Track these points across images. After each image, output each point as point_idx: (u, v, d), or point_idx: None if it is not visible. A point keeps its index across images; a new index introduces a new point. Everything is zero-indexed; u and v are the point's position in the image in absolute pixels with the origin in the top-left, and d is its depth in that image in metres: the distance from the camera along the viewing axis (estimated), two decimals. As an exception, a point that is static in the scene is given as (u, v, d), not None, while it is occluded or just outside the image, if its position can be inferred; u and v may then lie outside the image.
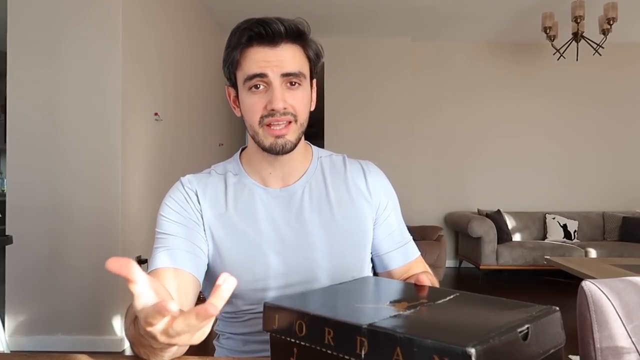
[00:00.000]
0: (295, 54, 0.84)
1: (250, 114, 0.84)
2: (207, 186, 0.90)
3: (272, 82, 0.81)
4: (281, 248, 0.86)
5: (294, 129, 0.84)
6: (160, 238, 0.85)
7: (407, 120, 5.19)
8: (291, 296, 0.65)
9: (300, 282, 0.86)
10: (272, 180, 0.91)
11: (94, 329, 2.67)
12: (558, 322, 0.54)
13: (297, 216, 0.89)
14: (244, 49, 0.83)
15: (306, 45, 0.86)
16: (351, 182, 0.94)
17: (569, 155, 5.38)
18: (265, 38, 0.81)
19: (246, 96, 0.84)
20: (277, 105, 0.81)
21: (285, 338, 0.57)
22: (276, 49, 0.82)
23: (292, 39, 0.83)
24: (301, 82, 0.84)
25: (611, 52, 5.01)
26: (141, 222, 2.98)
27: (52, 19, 2.65)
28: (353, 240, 0.90)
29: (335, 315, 0.52)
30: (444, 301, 0.59)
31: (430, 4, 4.27)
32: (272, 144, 0.83)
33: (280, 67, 0.81)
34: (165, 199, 0.90)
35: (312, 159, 0.96)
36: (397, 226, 0.98)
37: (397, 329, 0.47)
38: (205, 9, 4.25)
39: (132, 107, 2.82)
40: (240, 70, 0.84)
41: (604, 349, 0.83)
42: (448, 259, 5.23)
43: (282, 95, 0.81)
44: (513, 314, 0.52)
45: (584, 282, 0.88)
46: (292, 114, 0.83)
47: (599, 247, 4.53)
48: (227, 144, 5.24)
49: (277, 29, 0.81)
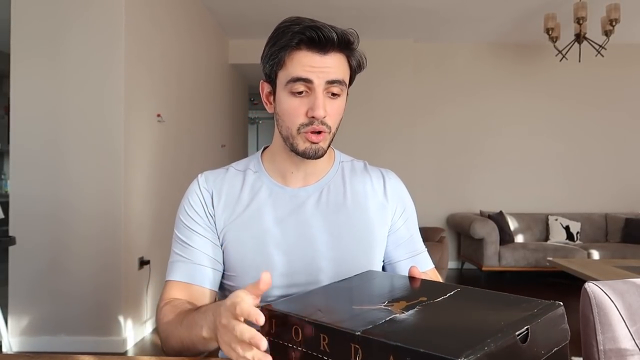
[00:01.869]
0: (340, 63, 0.85)
1: (290, 118, 0.85)
2: (223, 184, 0.92)
3: (315, 88, 0.82)
4: (287, 248, 0.87)
5: (327, 138, 0.86)
6: (180, 244, 0.90)
7: (409, 122, 5.19)
8: (290, 298, 0.65)
9: (305, 284, 0.87)
10: (293, 179, 0.92)
11: (97, 330, 2.67)
12: (561, 318, 0.53)
13: (309, 217, 0.89)
14: (293, 50, 0.83)
15: (351, 55, 0.87)
16: (370, 187, 0.95)
17: (571, 157, 5.36)
18: (316, 44, 0.82)
19: (286, 98, 0.85)
20: (319, 113, 0.82)
21: (283, 343, 0.56)
22: (325, 56, 0.82)
23: (340, 48, 0.84)
24: (341, 92, 0.86)
25: (613, 54, 5.00)
26: (144, 223, 2.98)
27: (55, 21, 2.66)
28: (363, 245, 0.90)
29: (330, 321, 0.52)
30: (444, 298, 0.58)
31: (432, 6, 4.27)
32: (307, 149, 0.85)
33: (326, 74, 0.82)
34: (183, 201, 0.93)
35: (334, 162, 0.97)
36: (411, 235, 0.98)
37: (391, 335, 0.46)
38: (207, 11, 4.26)
39: (134, 109, 2.83)
40: (284, 71, 0.84)
41: (607, 351, 0.83)
42: (450, 261, 5.22)
43: (324, 103, 0.83)
44: (513, 313, 0.51)
45: (587, 284, 0.88)
46: (327, 125, 0.85)
47: (602, 249, 4.52)
48: (230, 145, 5.25)
49: (329, 36, 0.81)
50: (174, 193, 3.43)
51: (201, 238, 0.89)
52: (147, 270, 3.01)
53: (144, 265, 2.97)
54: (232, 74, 5.34)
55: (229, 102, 5.23)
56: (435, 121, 5.40)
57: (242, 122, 6.20)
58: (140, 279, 2.94)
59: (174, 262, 0.89)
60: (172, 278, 0.88)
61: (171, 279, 0.88)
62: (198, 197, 0.91)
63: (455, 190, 5.40)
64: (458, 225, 5.04)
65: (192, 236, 0.89)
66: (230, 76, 5.29)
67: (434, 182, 5.38)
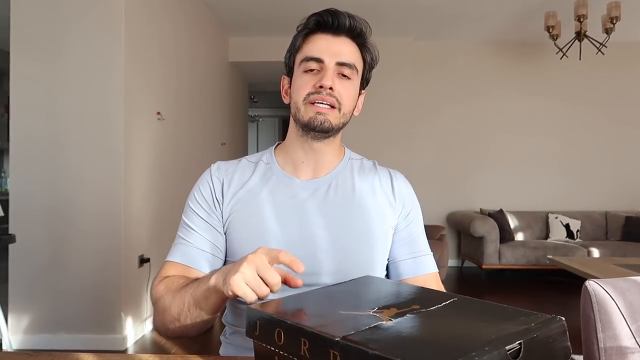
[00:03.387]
0: (353, 50, 0.89)
1: (298, 91, 0.88)
2: (235, 173, 0.94)
3: (327, 67, 0.86)
4: (289, 240, 0.87)
5: (336, 115, 0.88)
6: (184, 228, 0.92)
7: (409, 120, 5.19)
8: (279, 299, 0.63)
9: (305, 274, 0.86)
10: (303, 170, 0.94)
11: (97, 328, 2.67)
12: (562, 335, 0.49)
13: (314, 210, 0.90)
14: (308, 34, 0.89)
15: (363, 47, 0.91)
16: (378, 185, 0.96)
17: (571, 155, 5.36)
18: (330, 27, 0.87)
19: (299, 76, 0.88)
20: (327, 82, 0.84)
21: (266, 346, 0.55)
22: (337, 39, 0.88)
23: (353, 35, 0.89)
24: (352, 76, 0.89)
25: (614, 52, 5.00)
26: (144, 221, 2.98)
27: (55, 19, 2.66)
28: (365, 242, 0.90)
29: (312, 325, 0.50)
30: (437, 308, 0.55)
31: (432, 4, 4.26)
32: (312, 118, 0.86)
33: (338, 55, 0.86)
34: (194, 188, 0.95)
35: (344, 158, 0.99)
36: (415, 236, 0.97)
37: (370, 344, 0.44)
38: (207, 8, 4.26)
39: (134, 106, 2.83)
40: (300, 53, 0.89)
41: (607, 349, 0.83)
42: (450, 259, 5.22)
43: (333, 78, 0.86)
44: (507, 326, 0.48)
45: (588, 282, 0.87)
46: (337, 99, 0.86)
47: (602, 247, 4.52)
48: (230, 143, 5.24)
49: (343, 22, 0.87)
50: (174, 191, 3.43)
51: (205, 223, 0.91)
52: (147, 268, 3.01)
53: (144, 263, 2.97)
54: (232, 71, 5.34)
55: (229, 100, 5.23)
56: (435, 119, 5.40)
57: (242, 120, 6.20)
58: (140, 277, 2.94)
59: (176, 244, 0.91)
60: (170, 259, 0.89)
61: (170, 259, 0.89)
62: (209, 184, 0.93)
63: (455, 188, 5.40)
64: (458, 224, 5.04)
65: (197, 221, 0.91)
66: (230, 74, 5.28)
67: (434, 180, 5.38)
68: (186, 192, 1.00)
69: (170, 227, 3.20)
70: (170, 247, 0.94)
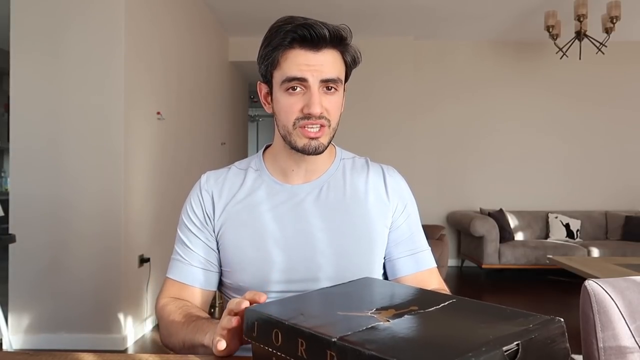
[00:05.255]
0: (335, 59, 0.85)
1: (286, 115, 0.85)
2: (224, 183, 0.94)
3: (311, 86, 0.83)
4: (285, 245, 0.87)
5: (327, 133, 0.87)
6: (180, 243, 0.94)
7: (409, 119, 5.18)
8: (277, 301, 0.63)
9: (304, 279, 0.87)
10: (294, 176, 0.93)
11: (98, 328, 2.67)
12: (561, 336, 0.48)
13: (308, 214, 0.89)
14: (286, 50, 0.83)
15: (345, 51, 0.87)
16: (371, 184, 0.95)
17: (571, 154, 5.36)
18: (308, 42, 0.82)
19: (282, 96, 0.85)
20: (315, 110, 0.82)
21: (264, 347, 0.55)
22: (318, 53, 0.83)
23: (334, 44, 0.84)
24: (337, 87, 0.86)
25: (614, 51, 4.99)
26: (144, 221, 2.98)
27: (55, 19, 2.66)
28: (362, 242, 0.90)
29: (309, 325, 0.50)
30: (436, 309, 0.55)
31: (432, 3, 4.26)
32: (306, 145, 0.85)
33: (321, 72, 0.82)
34: (186, 201, 0.96)
35: (335, 159, 0.98)
36: (411, 233, 0.96)
37: (367, 344, 0.44)
38: (208, 9, 4.25)
39: (134, 106, 2.83)
40: (279, 71, 0.85)
41: (607, 349, 0.83)
42: (450, 258, 5.22)
43: (320, 100, 0.83)
44: (505, 327, 0.47)
45: (588, 282, 0.87)
46: (326, 119, 0.85)
47: (602, 247, 4.52)
48: (230, 143, 5.24)
49: (321, 33, 0.81)
50: (174, 191, 3.43)
51: (197, 240, 0.93)
52: (147, 268, 3.02)
53: (144, 263, 2.97)
54: (232, 71, 5.34)
55: (229, 100, 5.23)
56: (435, 119, 5.39)
57: (242, 119, 6.20)
58: (140, 277, 2.94)
59: (173, 260, 0.95)
60: (169, 275, 0.94)
61: (168, 276, 0.94)
62: (199, 198, 0.94)
63: (455, 188, 5.40)
64: (458, 223, 5.04)
65: (190, 237, 0.93)
66: (230, 74, 5.28)
67: (434, 180, 5.38)
68: (186, 192, 1.00)
69: (170, 227, 3.20)
70: (170, 247, 0.98)
